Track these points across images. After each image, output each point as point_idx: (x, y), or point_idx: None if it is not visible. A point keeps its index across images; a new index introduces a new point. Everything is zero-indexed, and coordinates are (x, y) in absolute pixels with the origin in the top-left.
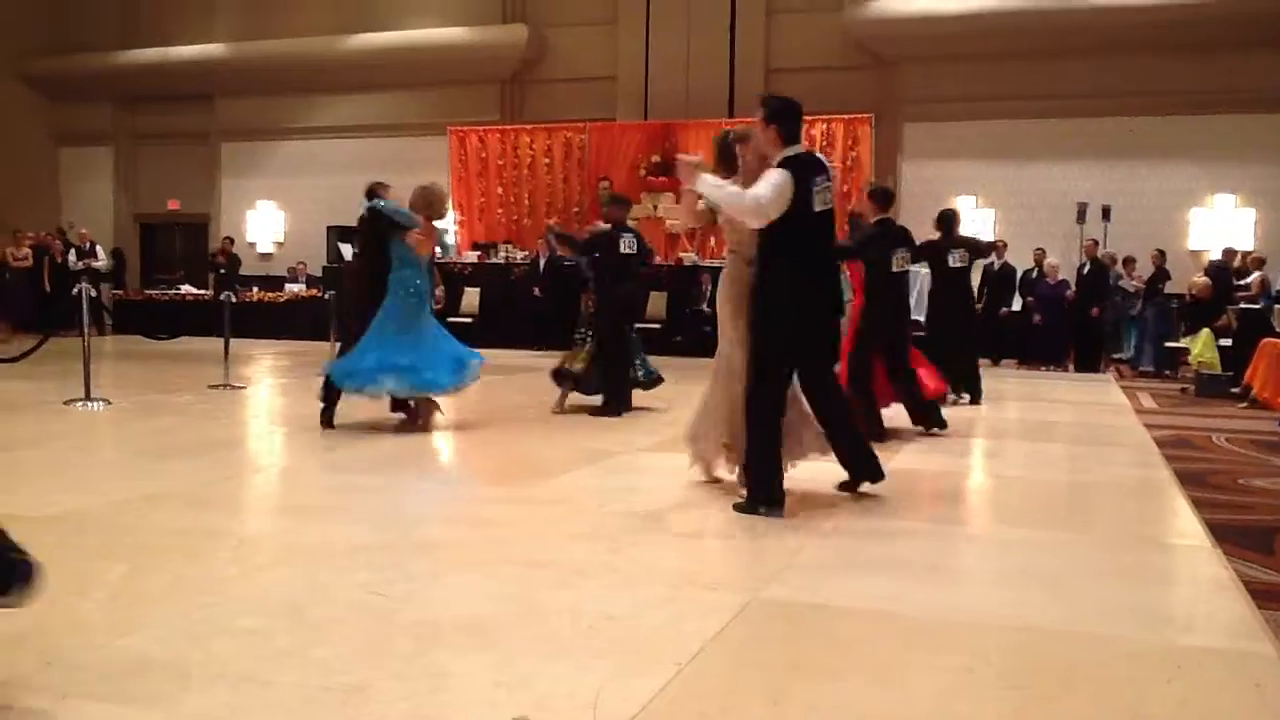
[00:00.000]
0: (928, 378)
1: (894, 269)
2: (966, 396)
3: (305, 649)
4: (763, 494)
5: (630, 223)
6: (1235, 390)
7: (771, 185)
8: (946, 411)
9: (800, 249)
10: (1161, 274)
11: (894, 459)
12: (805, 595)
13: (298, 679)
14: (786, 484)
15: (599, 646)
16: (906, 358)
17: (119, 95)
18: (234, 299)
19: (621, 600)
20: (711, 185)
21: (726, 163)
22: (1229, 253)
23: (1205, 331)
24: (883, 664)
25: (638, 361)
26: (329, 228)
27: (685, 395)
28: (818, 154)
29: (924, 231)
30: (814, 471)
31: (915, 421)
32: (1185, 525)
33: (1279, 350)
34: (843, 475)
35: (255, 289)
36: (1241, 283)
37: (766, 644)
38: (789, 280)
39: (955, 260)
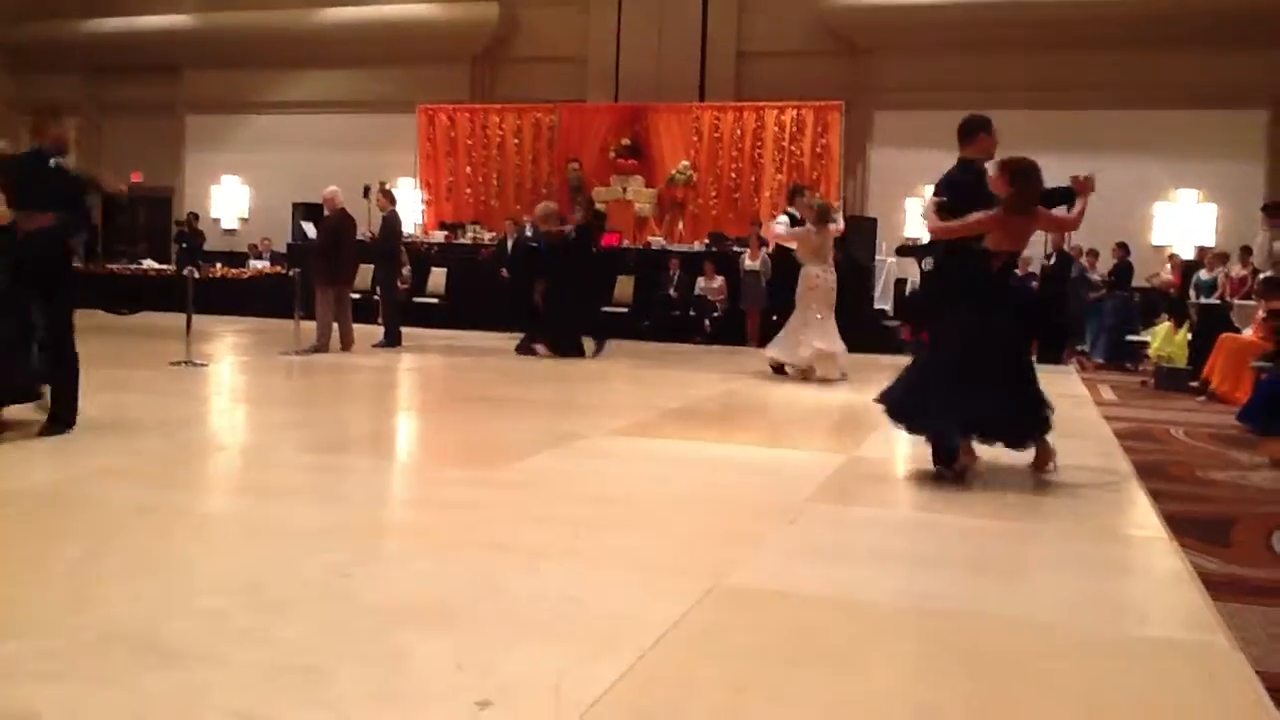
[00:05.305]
0: None
1: None
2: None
3: (265, 629)
4: None
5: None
6: (1194, 384)
7: None
8: None
9: None
10: (1124, 267)
11: (860, 447)
12: (768, 582)
13: (258, 659)
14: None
15: (561, 630)
16: None
17: (84, 65)
18: (197, 274)
19: (584, 584)
20: None
21: None
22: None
23: (1166, 325)
24: (844, 651)
25: None
26: (294, 204)
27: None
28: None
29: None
30: (782, 461)
31: None
32: (1143, 517)
33: (1237, 345)
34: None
35: (219, 265)
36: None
37: (729, 631)
38: None
39: None
